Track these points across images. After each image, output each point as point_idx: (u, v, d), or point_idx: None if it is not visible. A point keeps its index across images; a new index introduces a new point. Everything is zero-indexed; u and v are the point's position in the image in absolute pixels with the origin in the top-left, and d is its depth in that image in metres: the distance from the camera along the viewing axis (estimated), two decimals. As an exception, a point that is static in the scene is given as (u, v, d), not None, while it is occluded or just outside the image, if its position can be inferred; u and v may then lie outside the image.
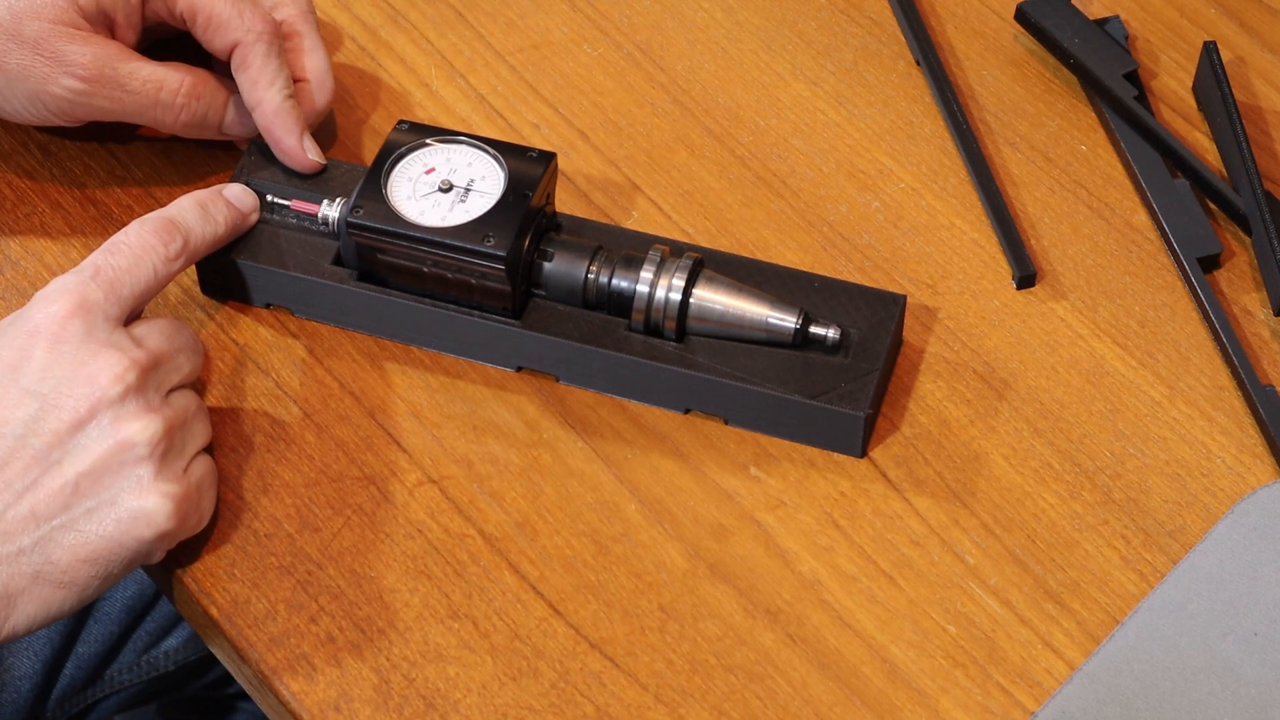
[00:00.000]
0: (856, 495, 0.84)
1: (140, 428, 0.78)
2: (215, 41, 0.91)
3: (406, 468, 0.85)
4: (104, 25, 0.91)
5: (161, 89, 0.89)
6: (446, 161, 0.87)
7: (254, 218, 0.89)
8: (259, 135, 0.91)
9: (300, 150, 0.90)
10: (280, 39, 0.91)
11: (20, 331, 0.79)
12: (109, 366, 0.78)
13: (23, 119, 0.91)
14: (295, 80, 0.92)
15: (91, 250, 0.91)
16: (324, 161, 0.91)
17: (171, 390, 0.81)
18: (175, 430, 0.79)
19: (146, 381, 0.79)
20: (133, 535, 0.77)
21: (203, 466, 0.81)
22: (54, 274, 0.91)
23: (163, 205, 0.93)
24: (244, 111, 0.91)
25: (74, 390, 0.78)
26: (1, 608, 0.76)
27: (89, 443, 0.77)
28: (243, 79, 0.90)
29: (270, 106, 0.90)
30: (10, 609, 0.77)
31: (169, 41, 0.94)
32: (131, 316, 0.82)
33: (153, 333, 0.81)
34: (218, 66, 0.92)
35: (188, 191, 0.93)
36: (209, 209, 0.86)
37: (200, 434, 0.82)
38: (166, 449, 0.78)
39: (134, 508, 0.77)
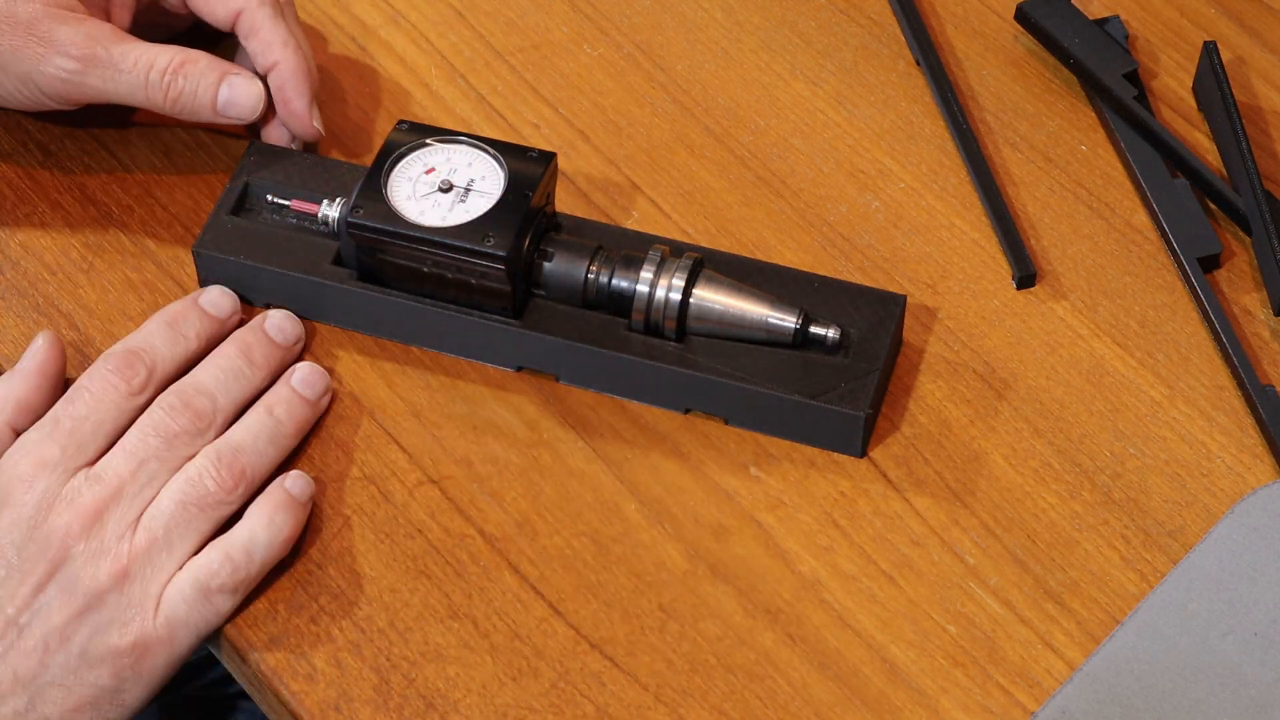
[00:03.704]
0: (856, 495, 0.84)
1: (90, 579, 0.78)
2: (217, 11, 0.91)
3: (406, 468, 0.85)
4: (99, 7, 0.91)
5: (152, 68, 0.89)
6: (446, 161, 0.87)
7: (233, 320, 0.87)
8: (251, 120, 0.91)
9: (308, 115, 0.91)
10: (280, 3, 0.91)
11: None
12: (59, 527, 0.79)
13: (16, 103, 0.91)
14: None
15: (90, 249, 0.91)
16: (324, 132, 0.91)
17: (145, 509, 0.80)
18: (137, 562, 0.79)
19: (101, 522, 0.79)
20: (112, 675, 0.78)
21: (181, 588, 0.79)
22: (54, 274, 0.91)
23: (162, 205, 0.93)
24: (240, 91, 0.90)
25: (31, 554, 0.79)
26: None
27: (50, 601, 0.78)
28: (254, 44, 0.90)
29: (287, 67, 0.90)
30: None
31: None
32: (110, 445, 0.82)
33: (116, 457, 0.81)
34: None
35: (187, 191, 0.93)
36: (178, 326, 0.85)
37: (185, 539, 0.80)
38: (125, 586, 0.79)
39: (102, 653, 0.78)
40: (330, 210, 0.88)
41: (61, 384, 0.85)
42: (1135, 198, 0.94)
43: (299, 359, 0.87)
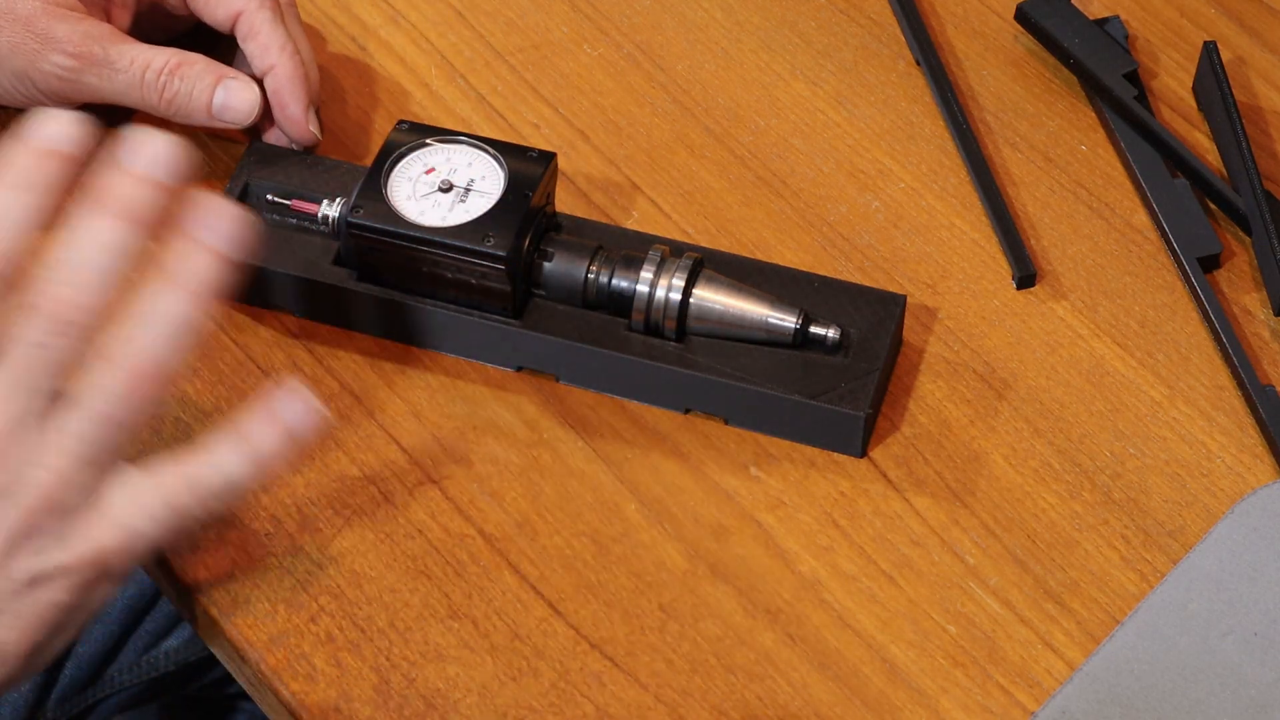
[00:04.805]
0: (856, 495, 0.84)
1: (15, 513, 0.72)
2: (217, 12, 0.91)
3: (406, 468, 0.85)
4: (98, 7, 0.91)
5: (148, 69, 0.89)
6: (446, 161, 0.87)
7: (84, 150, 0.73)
8: (246, 125, 0.91)
9: (304, 120, 0.90)
10: (281, 5, 0.91)
11: None
12: None
13: (13, 100, 0.91)
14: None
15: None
16: (321, 137, 0.91)
17: (57, 421, 0.72)
18: (60, 486, 0.72)
19: (3, 453, 0.72)
20: (66, 589, 0.73)
21: (147, 505, 0.73)
22: (54, 274, 0.91)
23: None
24: (235, 95, 0.90)
25: None
26: None
27: None
28: (252, 47, 0.90)
29: (284, 71, 0.90)
30: None
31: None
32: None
33: None
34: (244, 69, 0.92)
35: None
36: (24, 187, 0.72)
37: (103, 452, 0.73)
38: (55, 512, 0.72)
39: (51, 571, 0.73)
40: (330, 210, 0.88)
41: None
42: (1135, 198, 0.94)
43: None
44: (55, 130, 0.72)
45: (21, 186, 0.71)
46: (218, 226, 0.73)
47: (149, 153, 0.72)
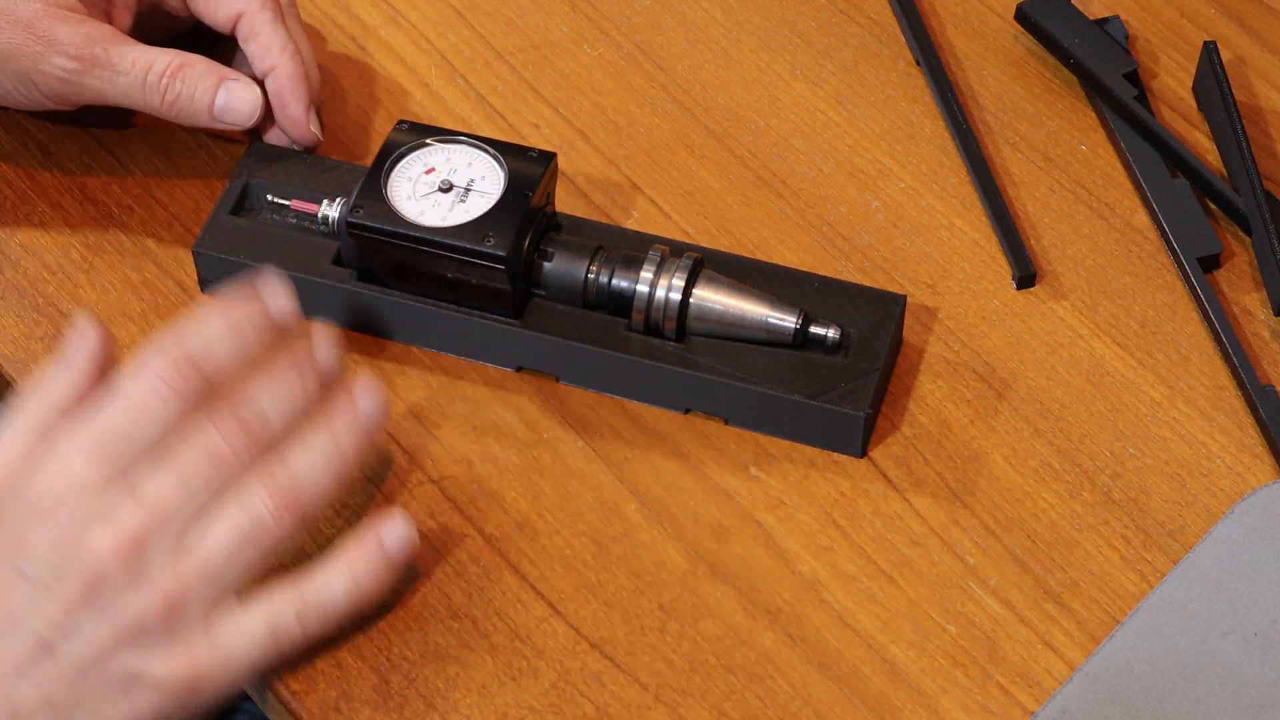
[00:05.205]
0: (856, 495, 0.84)
1: (131, 607, 0.74)
2: (218, 14, 0.91)
3: (406, 468, 0.85)
4: (99, 9, 0.91)
5: (150, 70, 0.89)
6: (446, 161, 0.87)
7: (289, 320, 0.79)
8: (248, 126, 0.91)
9: (305, 120, 0.91)
10: (282, 6, 0.91)
11: (18, 507, 0.75)
12: (96, 550, 0.73)
13: (14, 102, 0.91)
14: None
15: (90, 249, 0.91)
16: (322, 138, 0.92)
17: (191, 536, 0.75)
18: (189, 595, 0.74)
19: (143, 548, 0.74)
20: (152, 705, 0.74)
21: (249, 630, 0.76)
22: (53, 274, 0.91)
23: (162, 205, 0.93)
24: (237, 97, 0.90)
25: (63, 572, 0.73)
26: None
27: (85, 625, 0.73)
28: (253, 48, 0.90)
29: (285, 72, 0.90)
30: None
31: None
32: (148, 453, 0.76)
33: (163, 481, 0.75)
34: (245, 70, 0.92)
35: (187, 191, 0.93)
36: (243, 332, 0.77)
37: (239, 575, 0.76)
38: (172, 618, 0.74)
39: (146, 684, 0.74)
40: (330, 210, 0.88)
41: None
42: (1135, 198, 0.94)
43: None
44: (276, 305, 0.79)
45: (243, 332, 0.77)
46: (370, 408, 0.79)
47: (325, 352, 0.80)
